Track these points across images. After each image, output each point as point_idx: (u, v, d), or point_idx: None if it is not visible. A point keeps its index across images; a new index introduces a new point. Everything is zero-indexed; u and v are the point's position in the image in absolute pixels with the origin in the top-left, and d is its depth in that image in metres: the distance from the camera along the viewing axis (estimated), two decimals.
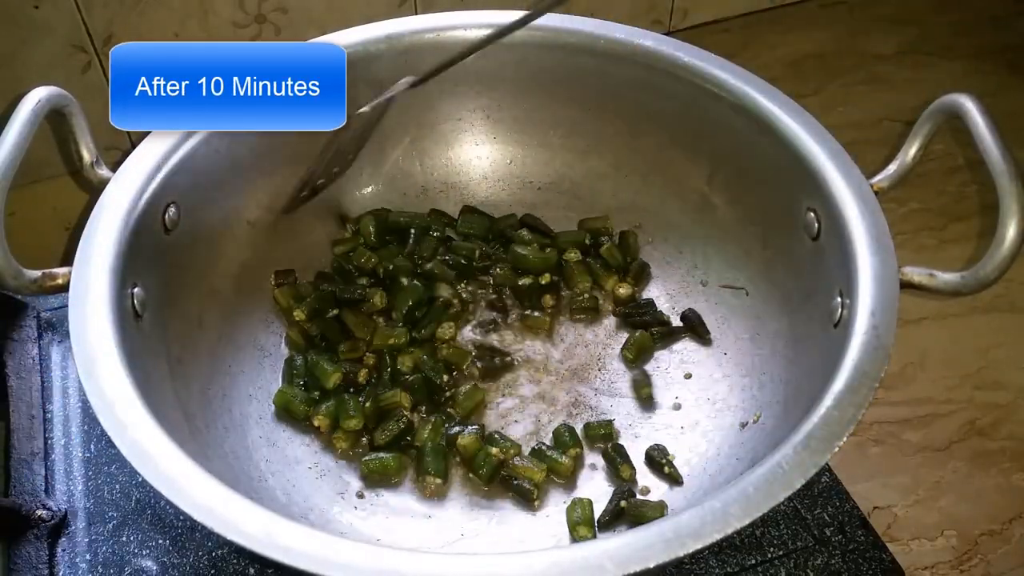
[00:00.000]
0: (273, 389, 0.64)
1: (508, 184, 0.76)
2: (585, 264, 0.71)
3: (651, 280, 0.72)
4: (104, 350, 0.49)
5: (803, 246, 0.61)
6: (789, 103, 0.63)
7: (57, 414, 0.65)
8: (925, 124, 0.59)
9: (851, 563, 0.57)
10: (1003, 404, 0.78)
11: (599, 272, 0.71)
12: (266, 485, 0.58)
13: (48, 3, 0.79)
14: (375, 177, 0.75)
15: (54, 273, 0.54)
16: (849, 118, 0.99)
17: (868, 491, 0.71)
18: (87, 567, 0.57)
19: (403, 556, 0.42)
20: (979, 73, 1.06)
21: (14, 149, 0.53)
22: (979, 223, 0.91)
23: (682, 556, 0.42)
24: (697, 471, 0.59)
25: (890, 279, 0.53)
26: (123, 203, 0.57)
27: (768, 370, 0.62)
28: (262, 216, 0.69)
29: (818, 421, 0.47)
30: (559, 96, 0.72)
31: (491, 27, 0.68)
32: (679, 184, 0.72)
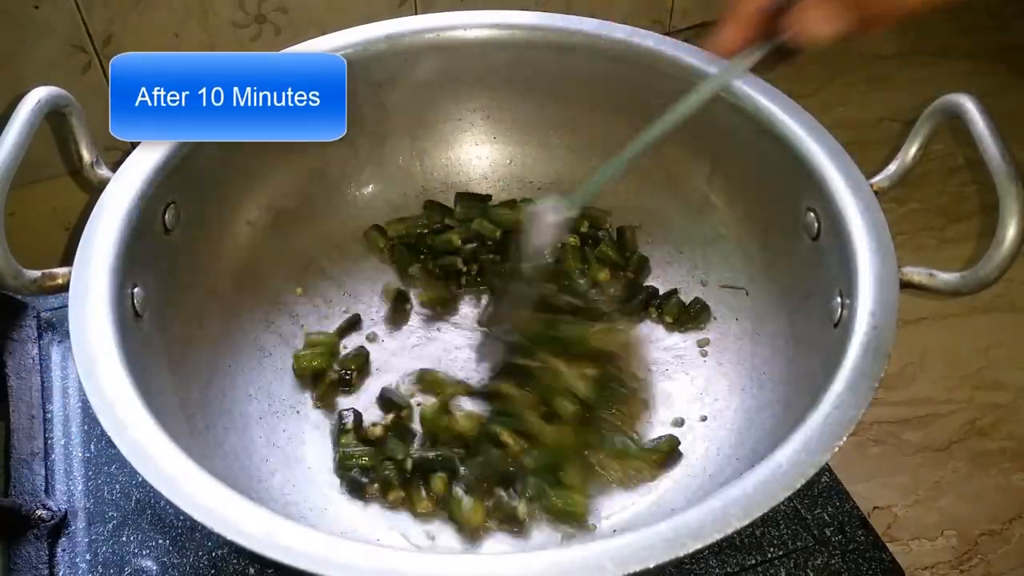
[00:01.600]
0: (273, 389, 0.65)
1: (508, 184, 0.76)
2: (581, 251, 0.72)
3: (651, 278, 0.72)
4: (104, 350, 0.49)
5: (803, 246, 0.61)
6: (789, 103, 0.63)
7: (57, 414, 0.65)
8: (925, 124, 0.59)
9: (851, 563, 0.56)
10: (1003, 404, 0.78)
11: (593, 262, 0.71)
12: (266, 485, 0.58)
13: (48, 3, 0.79)
14: (375, 177, 0.75)
15: (54, 273, 0.54)
16: (849, 118, 0.99)
17: (868, 491, 0.71)
18: (87, 567, 0.57)
19: (403, 556, 0.42)
20: (979, 73, 1.06)
21: (14, 149, 0.53)
22: (979, 223, 0.91)
23: (682, 556, 0.42)
24: (697, 471, 0.59)
25: (890, 279, 0.53)
26: (123, 203, 0.56)
27: (768, 370, 0.62)
28: (262, 216, 0.69)
29: (818, 421, 0.46)
30: (559, 96, 0.72)
31: (491, 27, 0.68)
32: (679, 184, 0.72)
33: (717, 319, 0.68)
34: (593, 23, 0.69)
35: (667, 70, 0.67)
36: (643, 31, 0.69)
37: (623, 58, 0.68)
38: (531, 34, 0.69)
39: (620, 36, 0.69)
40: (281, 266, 0.70)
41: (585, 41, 0.69)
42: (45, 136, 0.64)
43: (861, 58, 1.07)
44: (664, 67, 0.67)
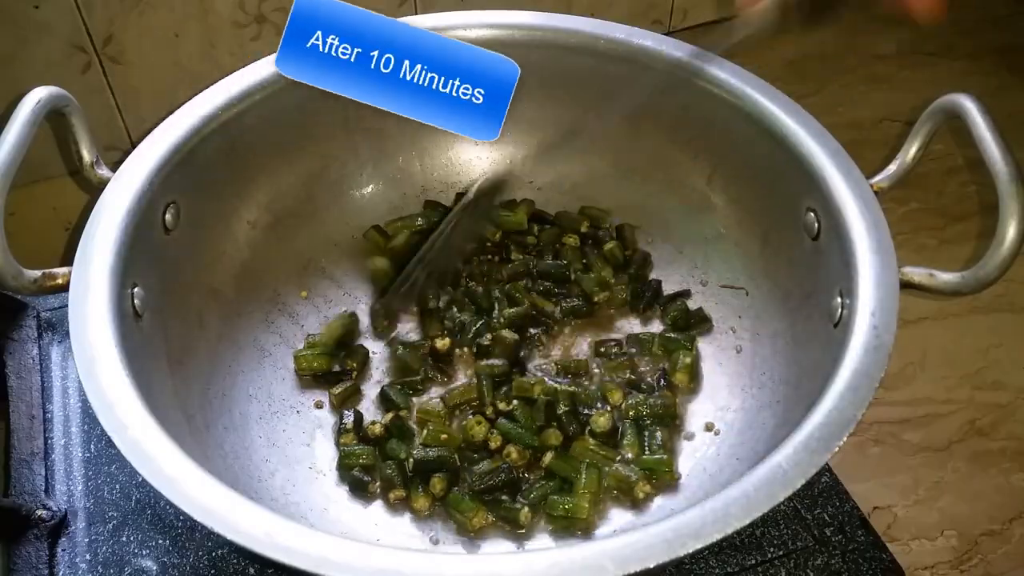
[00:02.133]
0: (273, 389, 0.65)
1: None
2: (582, 252, 0.72)
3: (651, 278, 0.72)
4: (104, 350, 0.49)
5: (803, 246, 0.61)
6: (789, 103, 0.63)
7: (57, 414, 0.65)
8: (925, 124, 0.59)
9: (851, 563, 0.56)
10: (1003, 404, 0.78)
11: (598, 262, 0.71)
12: (266, 485, 0.58)
13: (48, 3, 0.79)
14: (375, 177, 0.75)
15: (54, 273, 0.54)
16: (849, 118, 0.99)
17: (868, 491, 0.71)
18: (87, 567, 0.57)
19: (403, 556, 0.42)
20: (979, 73, 1.06)
21: (14, 149, 0.53)
22: (979, 223, 0.91)
23: (682, 556, 0.42)
24: (697, 471, 0.59)
25: (890, 279, 0.53)
26: (123, 203, 0.56)
27: (768, 370, 0.62)
28: (262, 216, 0.69)
29: (818, 421, 0.46)
30: (559, 96, 0.72)
31: (491, 27, 0.68)
32: (679, 184, 0.72)
33: (717, 320, 0.68)
34: (593, 23, 0.69)
35: (667, 70, 0.67)
36: (643, 31, 0.69)
37: (623, 58, 0.68)
38: (531, 34, 0.69)
39: (620, 36, 0.69)
40: (281, 266, 0.70)
41: (585, 41, 0.69)
42: (45, 136, 0.64)
43: (861, 58, 1.07)
44: (664, 67, 0.67)
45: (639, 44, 0.68)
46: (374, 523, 0.58)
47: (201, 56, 0.87)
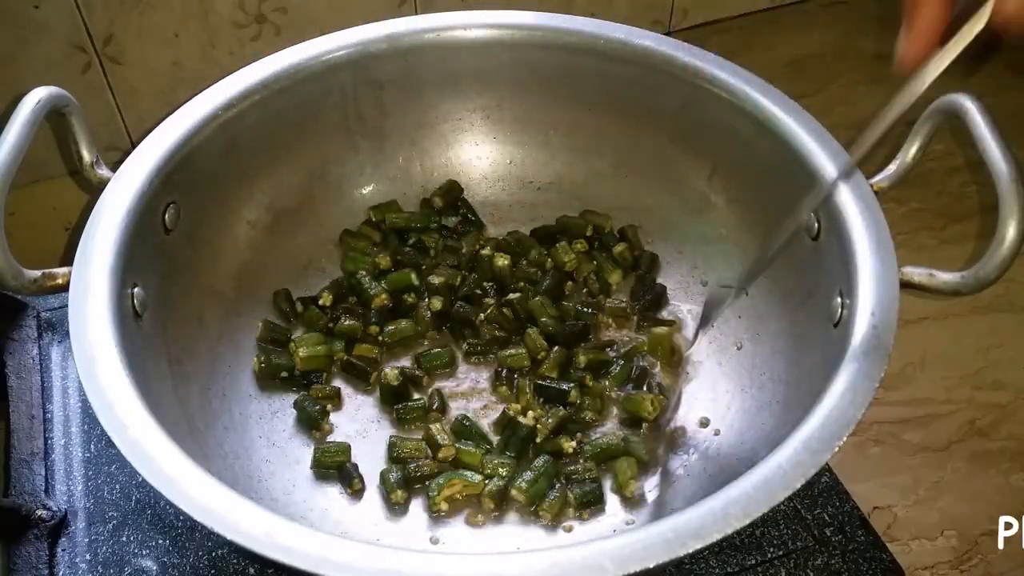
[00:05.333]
0: (273, 389, 0.64)
1: (508, 184, 0.76)
2: (590, 255, 0.72)
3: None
4: (104, 350, 0.49)
5: (803, 246, 0.61)
6: (789, 103, 0.63)
7: (57, 414, 0.65)
8: (925, 124, 0.59)
9: (851, 563, 0.57)
10: (1003, 404, 0.78)
11: (608, 265, 0.71)
12: (266, 485, 0.58)
13: (48, 3, 0.79)
14: (375, 177, 0.75)
15: (54, 273, 0.54)
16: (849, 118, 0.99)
17: (868, 491, 0.71)
18: (87, 567, 0.57)
19: (403, 556, 0.42)
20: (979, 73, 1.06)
21: (14, 149, 0.53)
22: (979, 223, 0.91)
23: (682, 556, 0.42)
24: (697, 471, 0.59)
25: (890, 279, 0.53)
26: (123, 203, 0.57)
27: (768, 370, 0.62)
28: (262, 216, 0.69)
29: (818, 421, 0.47)
30: (559, 96, 0.72)
31: (491, 27, 0.68)
32: (679, 184, 0.72)
33: (717, 320, 0.68)
34: (593, 23, 0.69)
35: (667, 70, 0.67)
36: (643, 31, 0.69)
37: (623, 58, 0.68)
38: (531, 34, 0.69)
39: (620, 36, 0.69)
40: (281, 266, 0.70)
41: (585, 41, 0.69)
42: (45, 136, 0.64)
43: (861, 58, 1.07)
44: (664, 67, 0.67)
45: (639, 44, 0.68)
46: (374, 523, 0.58)
47: (201, 56, 0.87)
